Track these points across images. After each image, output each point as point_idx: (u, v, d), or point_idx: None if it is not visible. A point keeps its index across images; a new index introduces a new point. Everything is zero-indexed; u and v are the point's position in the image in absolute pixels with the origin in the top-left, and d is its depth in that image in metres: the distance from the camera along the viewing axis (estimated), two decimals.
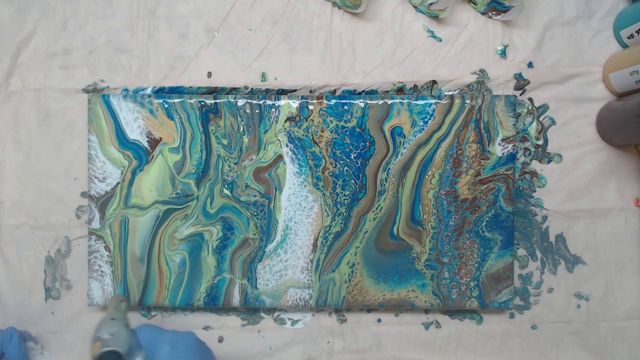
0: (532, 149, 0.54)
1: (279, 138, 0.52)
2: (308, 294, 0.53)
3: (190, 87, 0.54)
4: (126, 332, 0.43)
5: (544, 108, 0.54)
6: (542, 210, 0.54)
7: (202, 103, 0.52)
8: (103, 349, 0.41)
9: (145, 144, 0.52)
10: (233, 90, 0.54)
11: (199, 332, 0.54)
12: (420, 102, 0.51)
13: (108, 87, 0.54)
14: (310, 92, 0.54)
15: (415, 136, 0.52)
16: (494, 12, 0.54)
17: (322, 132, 0.52)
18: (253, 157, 0.52)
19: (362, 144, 0.52)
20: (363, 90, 0.54)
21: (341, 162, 0.52)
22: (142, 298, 0.52)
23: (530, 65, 0.54)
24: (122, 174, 0.52)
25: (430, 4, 0.53)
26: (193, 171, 0.52)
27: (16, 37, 0.54)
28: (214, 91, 0.54)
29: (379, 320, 0.55)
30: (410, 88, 0.54)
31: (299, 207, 0.52)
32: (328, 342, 0.54)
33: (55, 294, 0.54)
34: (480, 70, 0.54)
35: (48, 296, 0.54)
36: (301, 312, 0.55)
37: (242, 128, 0.52)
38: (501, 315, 0.55)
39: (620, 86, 0.52)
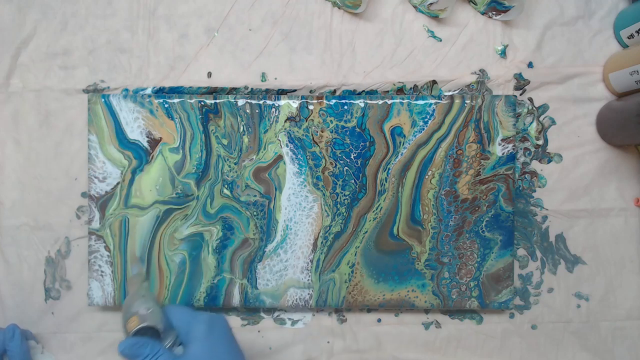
0: (532, 149, 0.54)
1: (279, 138, 0.52)
2: (308, 294, 0.53)
3: (190, 87, 0.54)
4: (160, 309, 0.40)
5: (544, 108, 0.54)
6: (542, 210, 0.54)
7: (202, 103, 0.52)
8: (141, 324, 0.39)
9: (145, 144, 0.52)
10: (233, 90, 0.54)
11: None
12: (420, 102, 0.51)
13: (108, 87, 0.54)
14: (310, 92, 0.54)
15: (415, 136, 0.52)
16: (494, 12, 0.54)
17: (322, 132, 0.52)
18: (253, 157, 0.52)
19: (362, 144, 0.52)
20: (363, 90, 0.54)
21: (341, 162, 0.52)
22: None
23: (530, 65, 0.54)
24: (122, 174, 0.52)
25: (430, 4, 0.53)
26: (193, 171, 0.52)
27: (16, 37, 0.54)
28: (214, 91, 0.54)
29: (379, 320, 0.55)
30: (410, 88, 0.54)
31: (299, 207, 0.52)
32: (328, 342, 0.54)
33: (55, 294, 0.54)
34: (480, 70, 0.54)
35: (48, 296, 0.54)
36: (301, 312, 0.55)
37: (242, 128, 0.52)
38: (501, 315, 0.55)
39: (620, 86, 0.52)
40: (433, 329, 0.55)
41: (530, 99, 0.54)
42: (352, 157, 0.52)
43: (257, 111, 0.52)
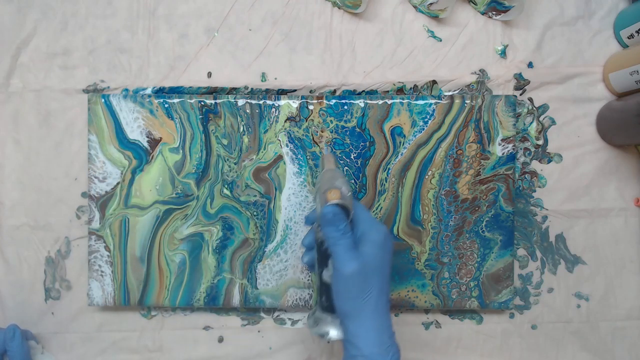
0: (532, 149, 0.54)
1: (279, 138, 0.52)
2: (308, 294, 0.53)
3: (190, 87, 0.54)
4: (352, 198, 0.42)
5: (544, 108, 0.54)
6: (542, 210, 0.54)
7: (202, 103, 0.52)
8: (340, 200, 0.40)
9: (145, 144, 0.52)
10: (233, 90, 0.54)
11: (199, 332, 0.54)
12: (420, 102, 0.51)
13: (108, 87, 0.54)
14: (310, 92, 0.54)
15: (415, 136, 0.52)
16: (494, 12, 0.54)
17: (322, 132, 0.52)
18: (253, 157, 0.52)
19: (362, 144, 0.52)
20: (363, 90, 0.54)
21: (341, 162, 0.52)
22: (142, 298, 0.52)
23: (530, 65, 0.54)
24: (122, 174, 0.52)
25: (430, 4, 0.53)
26: (193, 171, 0.52)
27: (16, 37, 0.54)
28: (214, 91, 0.54)
29: None
30: (410, 88, 0.54)
31: (299, 207, 0.52)
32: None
33: (55, 294, 0.54)
34: (480, 70, 0.54)
35: (48, 296, 0.54)
36: (301, 312, 0.55)
37: (242, 128, 0.52)
38: (501, 315, 0.54)
39: (620, 86, 0.52)
40: (433, 329, 0.55)
41: (530, 99, 0.54)
42: (352, 157, 0.52)
43: (257, 111, 0.52)
